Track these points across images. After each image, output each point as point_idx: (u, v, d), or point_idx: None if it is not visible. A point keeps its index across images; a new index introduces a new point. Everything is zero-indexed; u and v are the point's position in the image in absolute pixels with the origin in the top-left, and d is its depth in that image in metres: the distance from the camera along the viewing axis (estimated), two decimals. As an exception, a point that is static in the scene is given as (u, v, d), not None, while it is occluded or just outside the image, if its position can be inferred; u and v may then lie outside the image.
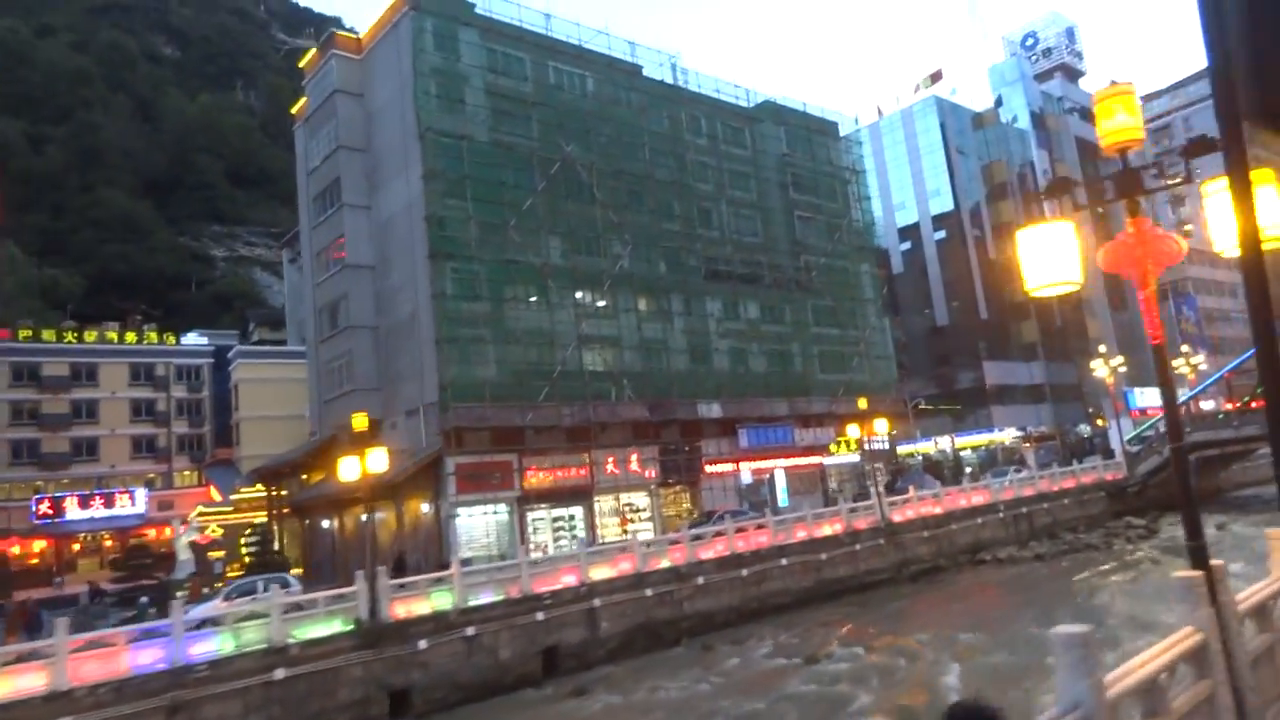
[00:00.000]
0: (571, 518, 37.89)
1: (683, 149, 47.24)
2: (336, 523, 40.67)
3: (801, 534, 29.74)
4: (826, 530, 30.71)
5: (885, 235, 70.48)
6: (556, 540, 36.80)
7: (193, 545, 39.12)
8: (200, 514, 54.37)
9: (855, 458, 51.57)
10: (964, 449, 63.95)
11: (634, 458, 39.65)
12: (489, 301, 36.57)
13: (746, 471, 44.51)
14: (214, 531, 53.13)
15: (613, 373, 39.39)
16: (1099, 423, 63.02)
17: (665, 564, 25.62)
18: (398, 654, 19.31)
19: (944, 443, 64.69)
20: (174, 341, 68.28)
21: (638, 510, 40.58)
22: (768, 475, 46.41)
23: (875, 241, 56.43)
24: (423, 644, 19.68)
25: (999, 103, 72.63)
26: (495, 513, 35.07)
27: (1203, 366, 55.26)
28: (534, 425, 35.77)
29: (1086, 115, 78.39)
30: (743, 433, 43.84)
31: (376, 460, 20.03)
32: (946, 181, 66.18)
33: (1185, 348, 57.02)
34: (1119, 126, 6.50)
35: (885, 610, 27.96)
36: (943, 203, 66.48)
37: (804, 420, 48.42)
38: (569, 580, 23.41)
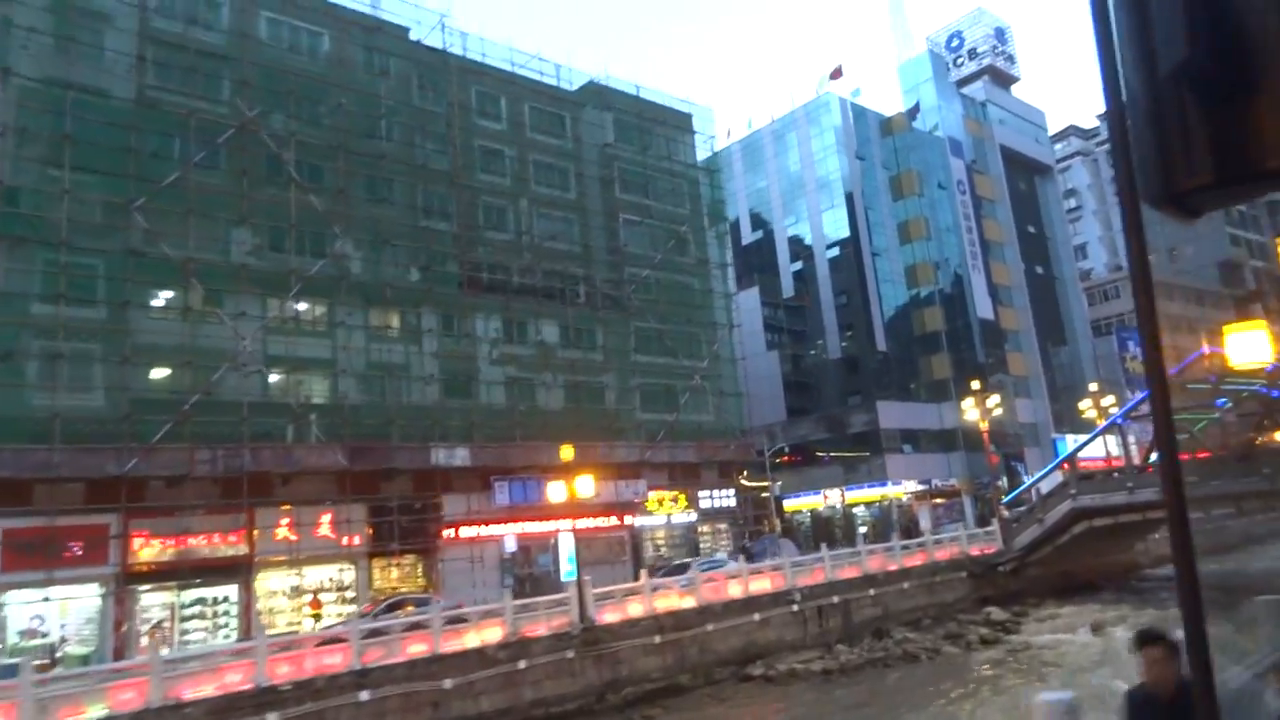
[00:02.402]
0: (224, 600, 28.13)
1: (467, 133, 38.28)
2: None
3: (420, 648, 19.92)
4: (474, 640, 20.89)
5: (777, 253, 61.47)
6: (184, 635, 26.98)
7: None
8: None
9: (689, 517, 41.93)
10: (855, 504, 54.02)
11: (326, 519, 29.96)
12: (106, 306, 27.23)
13: (511, 537, 34.70)
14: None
15: (291, 405, 29.84)
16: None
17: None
18: None
19: (834, 497, 54.81)
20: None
21: (342, 589, 30.83)
22: (552, 540, 36.69)
23: (727, 255, 46.98)
24: None
25: (916, 108, 63.73)
26: (73, 597, 25.29)
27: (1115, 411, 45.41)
28: (143, 475, 26.13)
29: (1018, 123, 69.64)
30: (500, 487, 34.14)
31: None
32: (842, 192, 57.03)
33: (1094, 386, 47.37)
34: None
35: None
36: (839, 216, 57.27)
37: (615, 470, 38.72)
38: None
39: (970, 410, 36.28)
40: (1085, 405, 42.81)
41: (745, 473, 55.75)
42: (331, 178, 32.86)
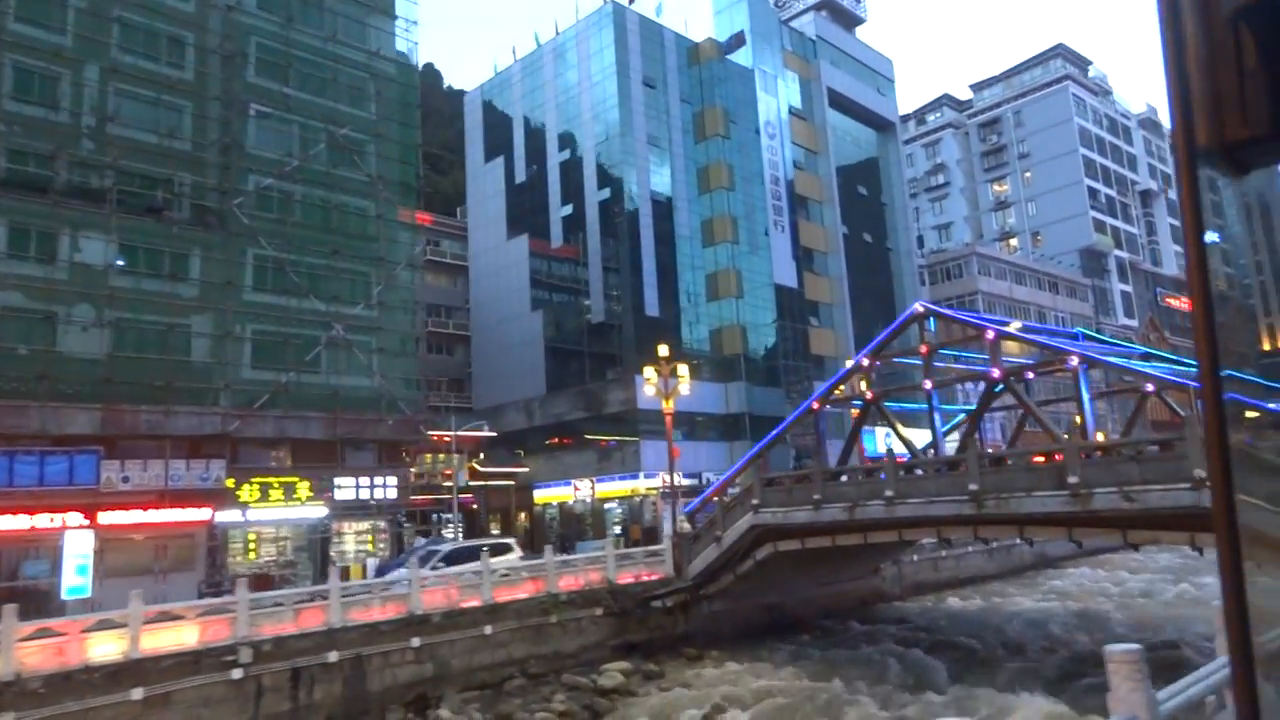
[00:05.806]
0: None
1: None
2: None
3: None
4: None
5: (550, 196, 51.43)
6: None
7: None
8: None
9: (318, 511, 31.69)
10: (607, 498, 44.62)
11: None
12: None
13: (-42, 536, 23.91)
14: None
15: None
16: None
17: None
18: None
19: (586, 489, 45.32)
20: None
21: None
22: (60, 539, 26.00)
23: (415, 173, 36.57)
24: None
25: (740, 39, 54.11)
26: None
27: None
28: None
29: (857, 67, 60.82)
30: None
31: None
32: (619, 123, 47.15)
33: (849, 363, 38.69)
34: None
35: None
36: (613, 151, 47.44)
37: (190, 445, 28.24)
38: None
39: (648, 386, 26.90)
40: (845, 390, 34.21)
41: (483, 456, 46.12)
42: None
